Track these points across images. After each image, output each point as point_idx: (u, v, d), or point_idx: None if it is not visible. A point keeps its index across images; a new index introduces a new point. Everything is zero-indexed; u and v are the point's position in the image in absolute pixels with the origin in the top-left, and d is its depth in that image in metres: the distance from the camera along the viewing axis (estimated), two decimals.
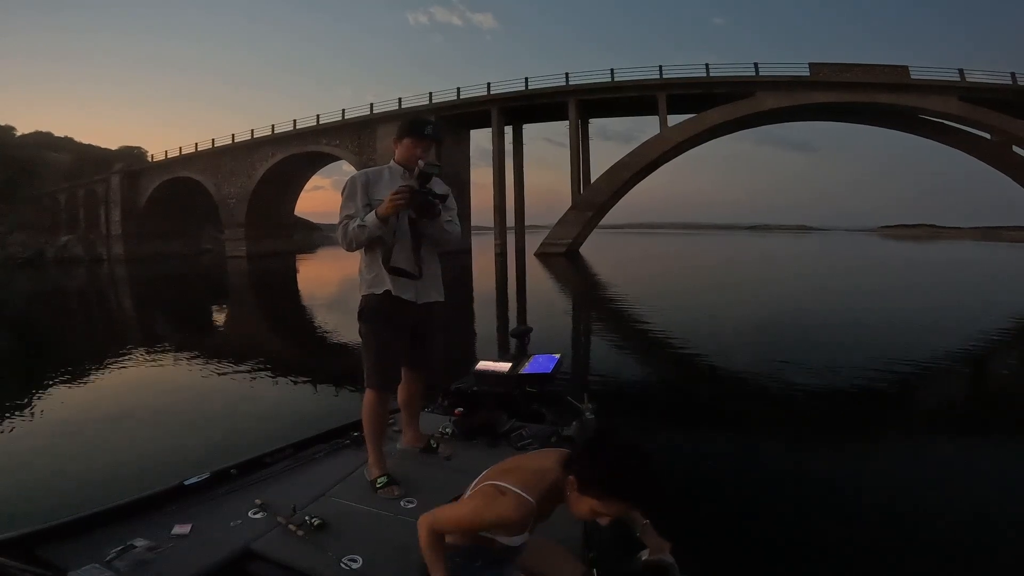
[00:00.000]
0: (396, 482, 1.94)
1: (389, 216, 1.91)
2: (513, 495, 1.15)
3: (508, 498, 1.15)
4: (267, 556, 1.54)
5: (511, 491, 1.16)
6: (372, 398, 2.08)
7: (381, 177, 2.07)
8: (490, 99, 30.67)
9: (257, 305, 14.59)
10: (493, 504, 1.16)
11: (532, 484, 1.18)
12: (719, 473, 3.27)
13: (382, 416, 2.09)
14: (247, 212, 37.87)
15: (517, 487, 1.16)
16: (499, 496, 1.16)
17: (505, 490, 1.16)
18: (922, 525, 2.64)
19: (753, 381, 5.49)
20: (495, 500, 1.16)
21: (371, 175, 2.08)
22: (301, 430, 2.45)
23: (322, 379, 5.54)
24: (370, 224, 1.93)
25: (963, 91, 26.19)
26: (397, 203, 1.86)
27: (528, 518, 1.15)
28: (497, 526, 1.17)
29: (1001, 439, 3.97)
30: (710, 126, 28.44)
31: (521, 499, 1.15)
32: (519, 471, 1.21)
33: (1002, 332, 8.27)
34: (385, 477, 1.95)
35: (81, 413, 4.61)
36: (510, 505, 1.14)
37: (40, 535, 1.49)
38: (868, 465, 3.39)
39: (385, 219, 1.91)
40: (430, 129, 2.07)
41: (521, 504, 1.15)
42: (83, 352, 7.87)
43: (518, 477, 1.19)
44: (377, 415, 2.07)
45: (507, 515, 1.14)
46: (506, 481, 1.18)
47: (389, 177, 2.07)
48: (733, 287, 15.43)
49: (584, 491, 1.10)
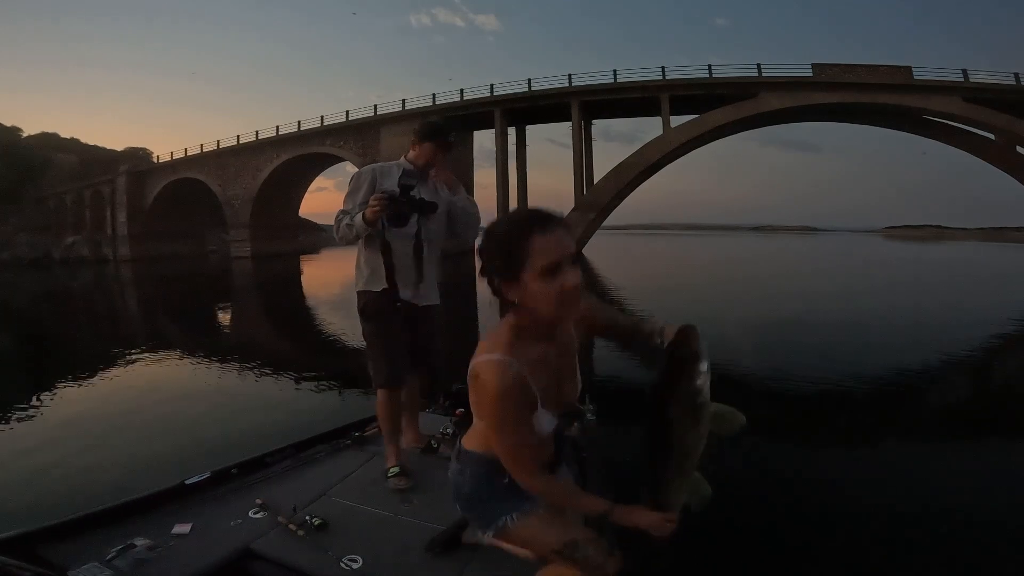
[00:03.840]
0: (407, 474, 1.99)
1: (373, 220, 1.94)
2: (484, 369, 1.01)
3: (483, 376, 1.01)
4: (267, 556, 1.54)
5: (479, 369, 1.02)
6: (383, 397, 2.10)
7: (390, 174, 2.08)
8: (493, 100, 30.72)
9: (262, 306, 14.63)
10: (482, 396, 1.02)
11: (490, 349, 1.03)
12: (723, 475, 3.25)
13: (396, 412, 2.12)
14: (252, 213, 38.04)
15: (480, 362, 1.02)
16: (477, 385, 1.02)
17: (475, 376, 1.03)
18: (925, 526, 2.63)
19: (767, 384, 5.47)
20: (480, 390, 1.02)
21: (379, 171, 2.09)
22: (302, 430, 2.46)
23: (324, 379, 5.55)
24: (357, 225, 1.98)
25: (967, 91, 26.06)
26: (373, 209, 1.91)
27: (515, 374, 0.99)
28: (505, 408, 1.01)
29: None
30: (713, 127, 28.36)
31: (491, 362, 1.00)
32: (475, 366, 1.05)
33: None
34: (397, 467, 2.00)
35: (83, 413, 4.62)
36: (491, 377, 0.99)
37: (41, 534, 1.50)
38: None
39: (370, 223, 1.94)
40: (454, 136, 2.16)
41: (492, 366, 1.00)
42: (89, 352, 7.90)
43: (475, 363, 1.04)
44: (390, 412, 2.09)
45: (497, 386, 0.99)
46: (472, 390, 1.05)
47: (398, 175, 2.08)
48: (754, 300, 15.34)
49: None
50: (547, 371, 1.07)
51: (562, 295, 0.97)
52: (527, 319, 1.03)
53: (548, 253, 0.95)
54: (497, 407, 1.01)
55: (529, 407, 1.04)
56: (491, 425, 1.06)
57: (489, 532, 1.19)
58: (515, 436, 1.05)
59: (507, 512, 1.16)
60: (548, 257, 0.95)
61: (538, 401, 1.05)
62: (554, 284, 0.96)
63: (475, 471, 1.18)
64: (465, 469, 1.21)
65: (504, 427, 1.04)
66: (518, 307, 1.03)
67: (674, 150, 29.13)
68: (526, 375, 1.01)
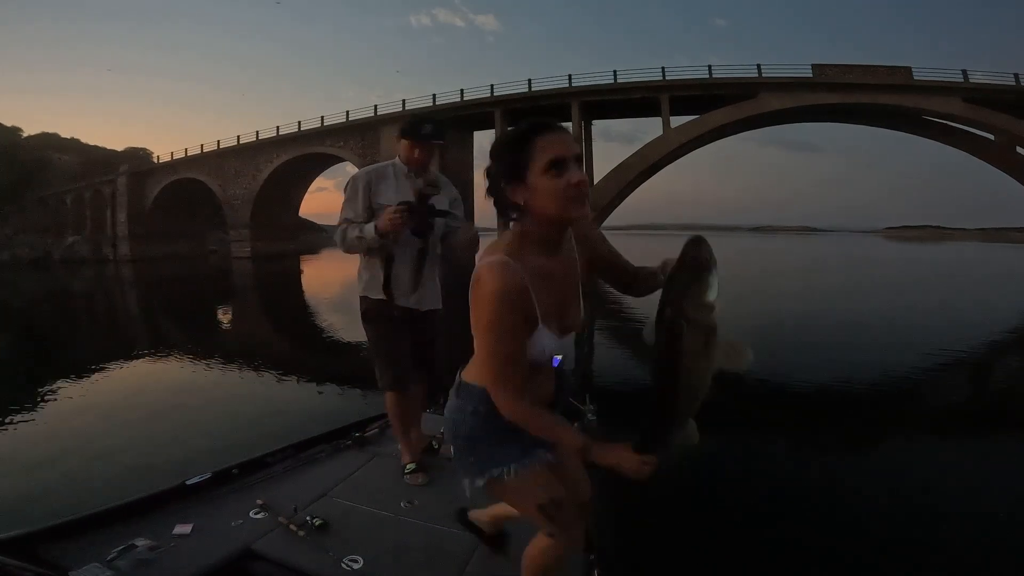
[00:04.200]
0: (424, 469, 2.03)
1: (388, 232, 1.90)
2: (485, 271, 0.96)
3: (484, 278, 0.96)
4: (268, 556, 1.54)
5: (481, 272, 0.97)
6: (390, 399, 2.12)
7: (385, 176, 2.04)
8: (494, 101, 30.72)
9: (263, 306, 14.62)
10: (480, 301, 0.96)
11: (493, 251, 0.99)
12: (723, 475, 3.25)
13: (405, 413, 2.13)
14: (252, 213, 38.04)
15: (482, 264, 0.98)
16: (477, 290, 0.97)
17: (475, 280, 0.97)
18: (925, 525, 2.63)
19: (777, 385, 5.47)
20: (478, 295, 0.97)
21: (374, 174, 2.04)
22: (303, 430, 2.46)
23: (324, 379, 5.55)
24: (368, 237, 1.94)
25: (966, 92, 26.04)
26: (395, 222, 1.86)
27: (517, 277, 0.95)
28: (501, 312, 0.95)
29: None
30: (713, 127, 28.34)
31: (492, 264, 0.96)
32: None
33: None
34: (414, 464, 2.04)
35: (83, 413, 4.62)
36: (491, 278, 0.95)
37: (42, 535, 1.50)
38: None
39: (384, 234, 1.91)
40: (428, 128, 2.02)
41: (494, 267, 0.95)
42: (89, 353, 7.90)
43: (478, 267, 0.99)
44: (399, 414, 2.11)
45: (496, 287, 0.94)
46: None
47: (394, 176, 2.05)
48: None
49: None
50: (550, 287, 1.03)
51: (568, 190, 0.95)
52: (534, 226, 1.01)
53: (553, 149, 0.95)
54: (493, 309, 0.95)
55: (527, 319, 0.99)
56: (484, 332, 0.98)
57: (480, 480, 1.13)
58: (506, 346, 0.98)
59: (506, 463, 1.11)
60: (553, 152, 0.95)
61: (538, 318, 1.00)
62: (560, 180, 0.95)
63: (476, 408, 1.10)
64: (465, 406, 1.12)
65: (497, 334, 0.97)
66: (524, 213, 1.00)
67: (674, 150, 29.12)
68: (528, 284, 0.97)
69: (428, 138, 2.02)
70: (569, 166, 0.95)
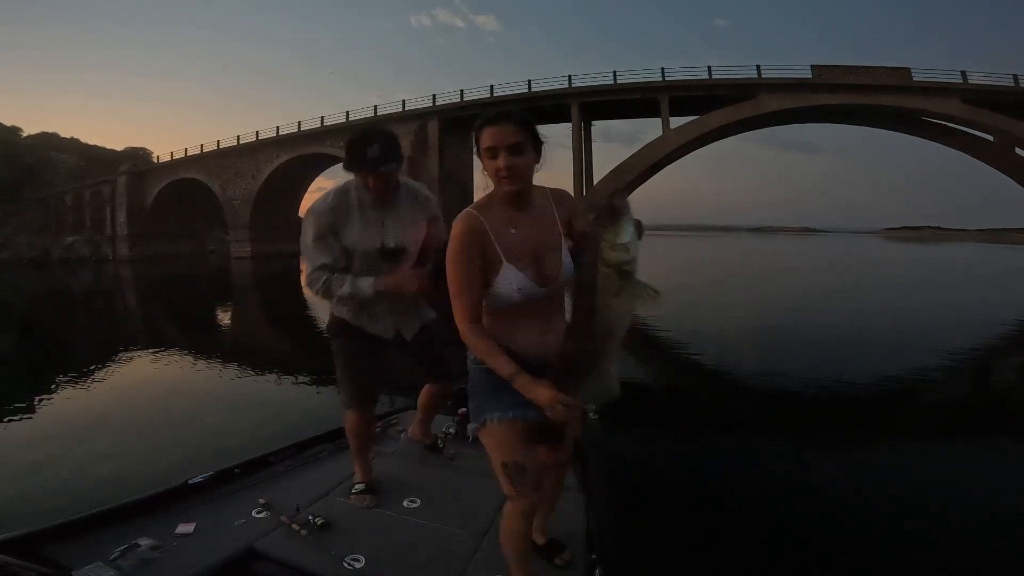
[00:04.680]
0: (372, 492, 1.90)
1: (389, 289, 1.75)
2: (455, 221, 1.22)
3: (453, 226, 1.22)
4: (270, 555, 1.55)
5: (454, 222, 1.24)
6: (350, 418, 1.94)
7: (348, 210, 1.77)
8: (493, 102, 30.70)
9: (263, 306, 14.63)
10: (450, 239, 1.21)
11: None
12: (724, 475, 3.26)
13: (364, 434, 1.98)
14: (252, 213, 38.01)
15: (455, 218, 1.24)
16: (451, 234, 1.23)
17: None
18: (925, 525, 2.63)
19: (761, 383, 5.47)
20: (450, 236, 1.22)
21: (336, 212, 1.76)
22: (304, 430, 2.46)
23: (325, 379, 5.54)
24: (362, 295, 1.75)
25: (966, 93, 26.07)
26: (408, 288, 1.74)
27: (473, 221, 1.20)
28: (459, 249, 1.19)
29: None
30: (712, 128, 28.35)
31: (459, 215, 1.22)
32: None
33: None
34: (363, 485, 1.92)
35: (84, 413, 4.62)
36: (456, 224, 1.21)
37: (44, 534, 1.50)
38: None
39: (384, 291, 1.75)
40: (374, 151, 1.66)
41: (460, 216, 1.22)
42: (89, 352, 7.89)
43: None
44: (357, 434, 1.96)
45: (457, 229, 1.20)
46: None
47: (358, 208, 1.77)
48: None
49: None
50: (516, 234, 1.23)
51: (498, 171, 1.18)
52: (495, 189, 1.24)
53: (489, 139, 1.17)
54: (453, 246, 1.19)
55: (487, 257, 1.20)
56: (448, 264, 1.20)
57: (474, 424, 1.32)
58: (462, 276, 1.19)
59: (491, 413, 1.26)
60: (488, 142, 1.18)
61: (501, 257, 1.20)
62: (492, 164, 1.19)
63: (476, 358, 1.28)
64: (471, 356, 1.30)
65: (455, 264, 1.19)
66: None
67: (674, 151, 29.13)
68: (487, 228, 1.20)
69: (374, 166, 1.68)
70: (499, 154, 1.17)
